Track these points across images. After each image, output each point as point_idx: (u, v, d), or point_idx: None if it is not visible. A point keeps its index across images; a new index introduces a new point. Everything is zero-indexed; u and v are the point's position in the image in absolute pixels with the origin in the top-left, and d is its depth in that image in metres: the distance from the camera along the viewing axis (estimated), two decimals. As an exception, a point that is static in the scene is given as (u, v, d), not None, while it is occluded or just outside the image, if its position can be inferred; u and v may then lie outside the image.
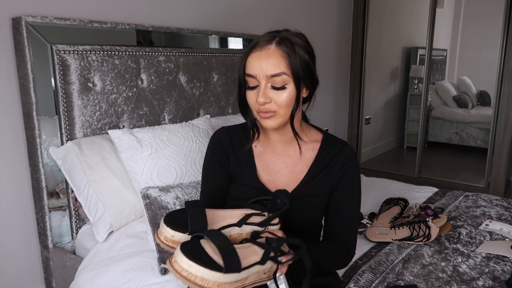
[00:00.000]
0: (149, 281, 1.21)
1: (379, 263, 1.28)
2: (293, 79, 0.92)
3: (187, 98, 1.90)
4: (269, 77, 0.91)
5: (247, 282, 0.74)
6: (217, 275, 0.67)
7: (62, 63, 1.45)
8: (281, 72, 0.90)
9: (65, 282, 1.50)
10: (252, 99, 0.95)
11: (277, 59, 0.90)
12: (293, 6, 2.76)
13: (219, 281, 0.68)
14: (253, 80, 0.93)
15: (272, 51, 0.91)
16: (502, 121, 3.02)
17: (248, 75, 0.93)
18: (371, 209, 1.77)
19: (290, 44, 0.92)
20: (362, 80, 3.59)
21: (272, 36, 0.93)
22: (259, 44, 0.93)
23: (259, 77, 0.91)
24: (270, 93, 0.92)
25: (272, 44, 0.92)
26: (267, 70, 0.90)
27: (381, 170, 3.68)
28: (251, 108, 0.97)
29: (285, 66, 0.91)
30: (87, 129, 1.54)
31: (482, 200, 1.85)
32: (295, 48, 0.92)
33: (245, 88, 0.96)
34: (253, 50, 0.93)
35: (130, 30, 1.70)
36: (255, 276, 0.76)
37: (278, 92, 0.92)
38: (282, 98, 0.92)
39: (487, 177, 3.23)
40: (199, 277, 0.66)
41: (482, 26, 4.02)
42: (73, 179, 1.45)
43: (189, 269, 0.67)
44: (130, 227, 1.46)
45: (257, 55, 0.92)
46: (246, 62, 0.94)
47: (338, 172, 1.02)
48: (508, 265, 1.27)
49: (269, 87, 0.92)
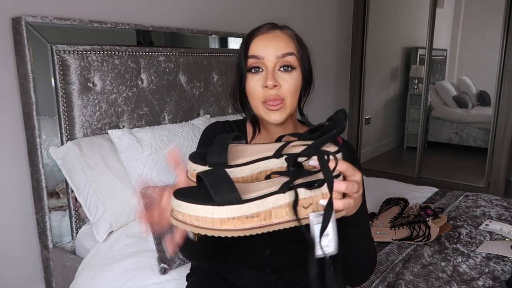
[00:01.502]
0: (149, 281, 1.21)
1: (379, 263, 1.28)
2: (300, 64, 0.86)
3: (187, 98, 1.90)
4: (280, 57, 0.84)
5: (272, 220, 0.58)
6: (211, 210, 0.55)
7: (62, 63, 1.45)
8: (291, 52, 0.85)
9: (65, 282, 1.50)
10: (256, 86, 0.85)
11: (287, 40, 0.86)
12: (293, 6, 2.76)
13: (219, 218, 0.55)
14: (258, 62, 0.85)
15: (280, 34, 0.86)
16: (502, 121, 3.02)
17: (253, 57, 0.85)
18: (371, 209, 1.77)
19: (294, 31, 0.89)
20: (362, 80, 3.59)
21: (273, 24, 0.88)
22: (261, 29, 0.87)
23: (266, 58, 0.84)
24: (278, 78, 0.84)
25: (278, 29, 0.87)
26: (277, 51, 0.84)
27: (381, 170, 3.67)
28: (254, 98, 0.86)
29: (294, 48, 0.86)
30: (87, 129, 1.54)
31: (482, 200, 1.85)
32: (301, 40, 0.89)
33: (245, 75, 0.87)
34: (257, 34, 0.87)
35: (130, 30, 1.70)
36: (285, 212, 0.58)
37: (287, 75, 0.84)
38: (291, 82, 0.84)
39: (487, 177, 3.23)
40: (194, 216, 0.55)
41: (482, 26, 4.02)
42: (73, 179, 1.45)
43: (180, 209, 0.56)
44: (130, 227, 1.46)
45: (264, 37, 0.85)
46: (250, 45, 0.86)
47: None
48: (508, 265, 1.27)
49: (277, 71, 0.84)
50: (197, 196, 0.57)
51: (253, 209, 0.56)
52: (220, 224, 0.55)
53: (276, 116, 0.85)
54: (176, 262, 1.24)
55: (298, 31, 0.96)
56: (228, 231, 0.56)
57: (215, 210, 0.55)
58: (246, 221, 0.56)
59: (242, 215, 0.55)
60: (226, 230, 0.56)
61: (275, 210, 0.57)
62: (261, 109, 0.86)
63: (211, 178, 0.58)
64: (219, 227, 0.55)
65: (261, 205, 0.57)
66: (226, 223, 0.55)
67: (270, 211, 0.57)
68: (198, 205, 0.55)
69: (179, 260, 1.24)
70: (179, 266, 1.25)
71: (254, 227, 0.56)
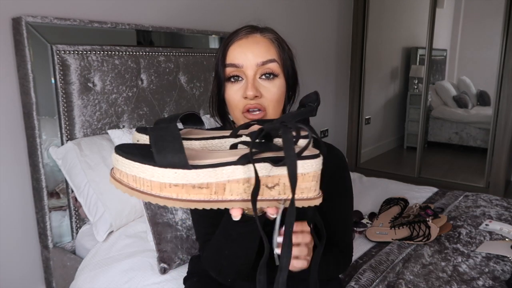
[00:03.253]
0: (149, 280, 1.22)
1: (380, 263, 1.28)
2: (282, 71, 0.81)
3: (187, 98, 1.90)
4: (260, 65, 0.78)
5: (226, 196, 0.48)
6: (150, 171, 0.45)
7: (62, 63, 1.45)
8: (273, 58, 0.79)
9: (65, 282, 1.50)
10: (235, 95, 0.79)
11: (267, 46, 0.79)
12: (293, 6, 2.76)
13: (159, 182, 0.46)
14: (237, 72, 0.79)
15: (259, 38, 0.80)
16: (502, 121, 3.02)
17: (231, 65, 0.79)
18: (371, 209, 1.77)
19: (275, 34, 0.83)
20: (362, 80, 3.59)
21: (252, 27, 0.82)
22: (239, 34, 0.80)
23: (245, 67, 0.78)
24: (260, 86, 0.78)
25: (257, 33, 0.80)
26: (257, 58, 0.77)
27: (381, 170, 3.67)
28: (233, 108, 0.80)
29: (275, 53, 0.80)
30: (87, 129, 1.54)
31: (482, 200, 1.85)
32: (283, 42, 0.83)
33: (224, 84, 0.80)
34: (235, 39, 0.80)
35: (130, 30, 1.70)
36: (243, 189, 0.49)
37: (269, 83, 0.79)
38: (273, 91, 0.79)
39: (487, 177, 3.23)
40: (130, 176, 0.46)
41: (482, 26, 4.02)
42: (73, 179, 1.45)
43: (117, 165, 0.47)
44: (130, 227, 1.46)
45: (242, 42, 0.79)
46: (227, 53, 0.79)
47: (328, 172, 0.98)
48: (508, 265, 1.27)
49: (258, 79, 0.78)
50: (141, 154, 0.47)
51: (202, 178, 0.46)
52: (159, 190, 0.46)
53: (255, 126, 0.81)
54: (176, 262, 1.24)
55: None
56: (168, 200, 0.47)
57: (155, 171, 0.45)
58: (192, 191, 0.46)
59: (188, 183, 0.46)
60: (165, 198, 0.47)
61: (230, 183, 0.48)
62: (241, 119, 0.79)
63: (157, 134, 0.48)
64: (158, 193, 0.46)
65: (213, 175, 0.47)
66: (166, 189, 0.46)
67: (224, 184, 0.47)
68: (136, 163, 0.46)
69: (179, 260, 1.24)
70: (179, 266, 1.25)
71: (202, 200, 0.47)
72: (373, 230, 1.51)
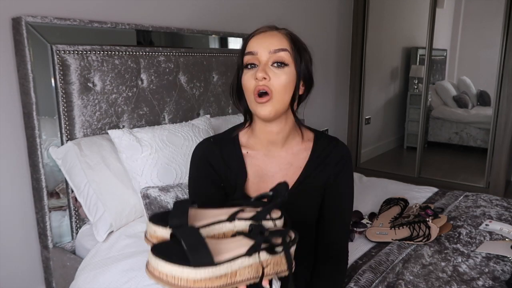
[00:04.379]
0: (149, 281, 1.21)
1: (379, 263, 1.28)
2: (294, 62, 0.90)
3: (187, 98, 1.90)
4: (272, 52, 0.89)
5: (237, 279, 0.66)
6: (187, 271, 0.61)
7: (62, 63, 1.45)
8: (285, 48, 0.89)
9: (65, 282, 1.50)
10: (249, 80, 0.90)
11: (281, 38, 0.91)
12: (293, 6, 2.76)
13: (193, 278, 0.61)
14: (253, 59, 0.90)
15: (275, 33, 0.92)
16: (502, 121, 3.02)
17: (248, 53, 0.91)
18: (371, 209, 1.77)
19: (291, 32, 0.94)
20: (362, 80, 3.59)
21: (271, 26, 0.94)
22: (260, 29, 0.93)
23: (260, 53, 0.89)
24: (270, 71, 0.88)
25: (274, 30, 0.93)
26: (270, 46, 0.89)
27: (381, 170, 3.68)
28: (247, 91, 0.92)
29: (288, 44, 0.90)
30: (87, 129, 1.54)
31: (482, 200, 1.85)
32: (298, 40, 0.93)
33: (242, 71, 0.93)
34: (255, 34, 0.93)
35: (130, 30, 1.70)
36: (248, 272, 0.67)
37: (279, 70, 0.89)
38: (282, 77, 0.89)
39: (487, 177, 3.23)
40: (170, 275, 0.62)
41: (482, 26, 4.02)
42: (73, 179, 1.45)
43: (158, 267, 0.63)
44: (130, 227, 1.46)
45: (260, 36, 0.92)
46: (248, 44, 0.92)
47: (333, 169, 1.00)
48: (508, 265, 1.27)
49: (270, 66, 0.89)
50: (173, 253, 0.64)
51: (224, 270, 0.64)
52: (193, 283, 0.62)
53: (264, 109, 0.89)
54: (176, 262, 1.24)
55: (298, 31, 0.97)
56: None
57: (191, 271, 0.61)
58: (215, 280, 0.63)
59: (214, 275, 0.63)
60: None
61: (239, 270, 0.66)
62: (253, 102, 0.90)
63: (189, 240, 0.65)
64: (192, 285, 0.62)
65: (229, 267, 0.65)
66: (198, 283, 0.62)
67: (236, 271, 0.66)
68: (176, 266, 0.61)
69: (179, 260, 1.24)
70: (179, 266, 1.25)
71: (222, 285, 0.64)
72: (373, 230, 1.51)
